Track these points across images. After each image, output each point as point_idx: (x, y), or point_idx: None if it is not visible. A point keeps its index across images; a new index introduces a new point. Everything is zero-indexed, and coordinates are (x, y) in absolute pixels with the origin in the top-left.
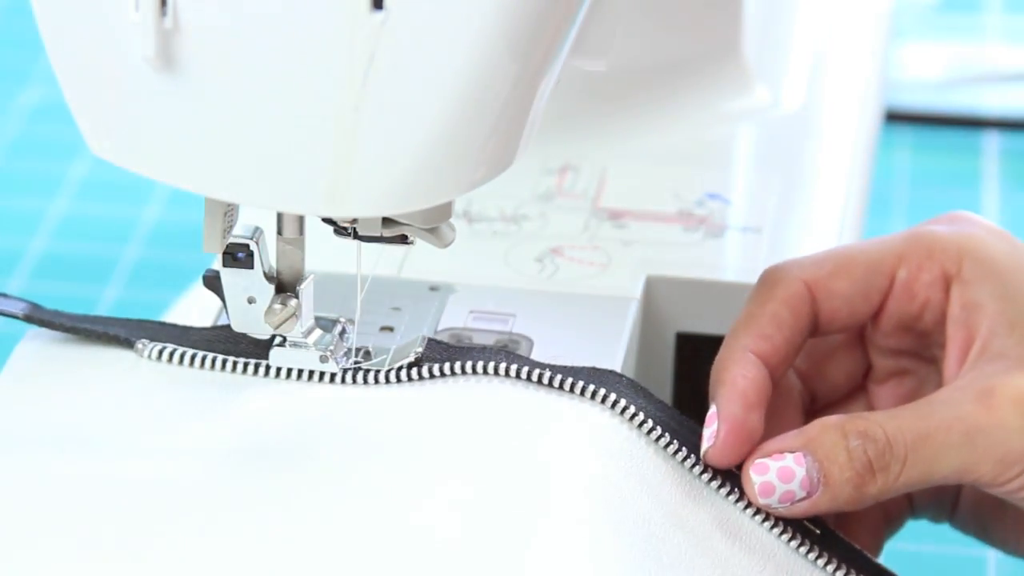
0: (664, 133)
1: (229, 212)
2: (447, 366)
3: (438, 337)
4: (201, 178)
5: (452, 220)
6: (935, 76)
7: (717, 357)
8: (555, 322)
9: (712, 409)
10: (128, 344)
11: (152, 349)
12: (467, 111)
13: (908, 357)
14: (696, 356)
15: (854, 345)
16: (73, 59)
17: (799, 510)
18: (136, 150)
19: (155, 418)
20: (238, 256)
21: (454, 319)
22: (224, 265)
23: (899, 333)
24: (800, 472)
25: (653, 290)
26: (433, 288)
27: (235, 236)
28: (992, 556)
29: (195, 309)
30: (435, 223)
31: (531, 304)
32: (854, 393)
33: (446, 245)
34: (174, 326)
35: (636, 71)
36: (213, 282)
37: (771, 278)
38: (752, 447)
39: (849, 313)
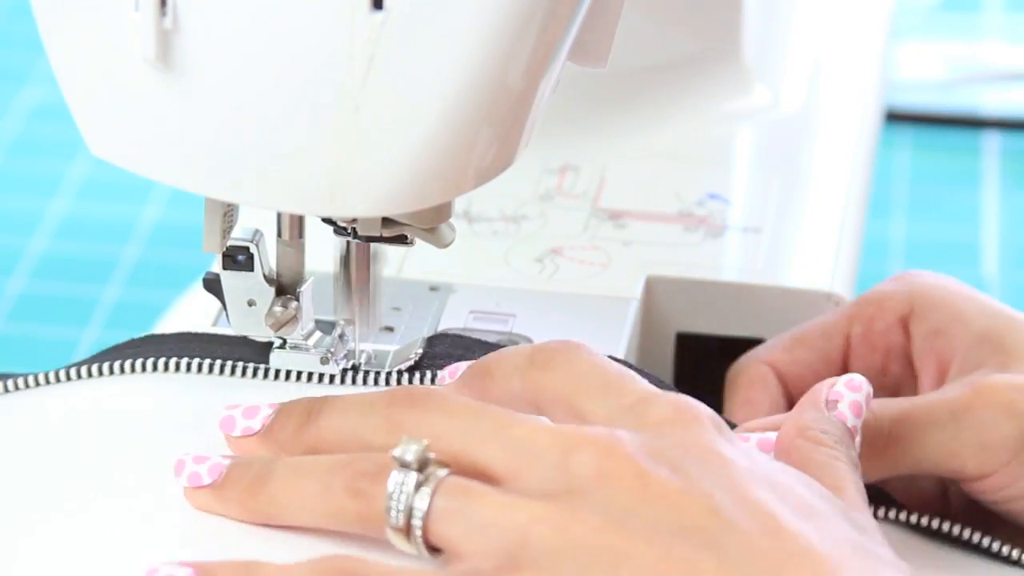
0: (664, 133)
1: (229, 212)
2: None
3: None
4: (201, 178)
5: (452, 220)
6: (935, 76)
7: None
8: (555, 322)
9: None
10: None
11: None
12: (467, 111)
13: (886, 392)
14: (696, 356)
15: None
16: (73, 59)
17: None
18: (136, 150)
19: (149, 424)
20: (238, 259)
21: (454, 319)
22: (224, 268)
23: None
24: None
25: (653, 290)
26: (433, 288)
27: (235, 239)
28: None
29: (195, 310)
30: (435, 223)
31: (531, 304)
32: None
33: (446, 245)
34: (165, 340)
35: (636, 71)
36: (213, 285)
37: (733, 372)
38: None
39: (815, 378)
